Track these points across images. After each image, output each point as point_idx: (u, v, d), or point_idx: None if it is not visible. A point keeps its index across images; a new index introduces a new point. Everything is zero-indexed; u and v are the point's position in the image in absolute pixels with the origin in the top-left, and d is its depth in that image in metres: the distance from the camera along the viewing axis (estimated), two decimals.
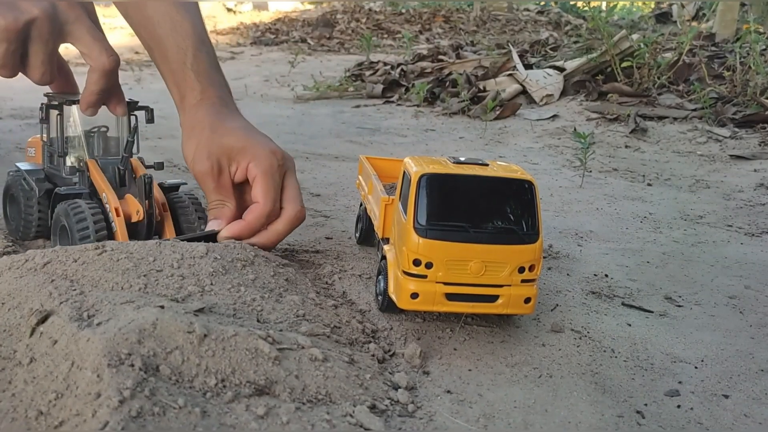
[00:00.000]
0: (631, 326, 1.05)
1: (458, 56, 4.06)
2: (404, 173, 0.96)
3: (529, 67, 3.51)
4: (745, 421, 0.82)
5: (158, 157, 1.58)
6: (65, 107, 1.12)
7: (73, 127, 1.14)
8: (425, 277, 0.89)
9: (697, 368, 0.94)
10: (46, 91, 1.15)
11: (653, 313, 1.11)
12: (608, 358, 0.95)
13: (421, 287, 0.89)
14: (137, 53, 4.59)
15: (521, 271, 0.90)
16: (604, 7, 4.75)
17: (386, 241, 1.02)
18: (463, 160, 0.95)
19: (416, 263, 0.88)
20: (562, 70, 3.30)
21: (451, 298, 0.90)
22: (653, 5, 6.77)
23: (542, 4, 7.92)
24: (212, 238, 1.07)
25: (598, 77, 3.20)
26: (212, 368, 0.71)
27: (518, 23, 6.92)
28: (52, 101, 1.13)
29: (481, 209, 0.90)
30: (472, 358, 0.91)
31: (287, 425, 0.67)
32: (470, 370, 0.88)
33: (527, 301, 0.91)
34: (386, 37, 6.44)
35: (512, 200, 0.90)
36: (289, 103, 3.39)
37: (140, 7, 1.13)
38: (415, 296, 0.89)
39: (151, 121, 1.18)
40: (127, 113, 1.14)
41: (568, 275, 1.24)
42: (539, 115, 2.95)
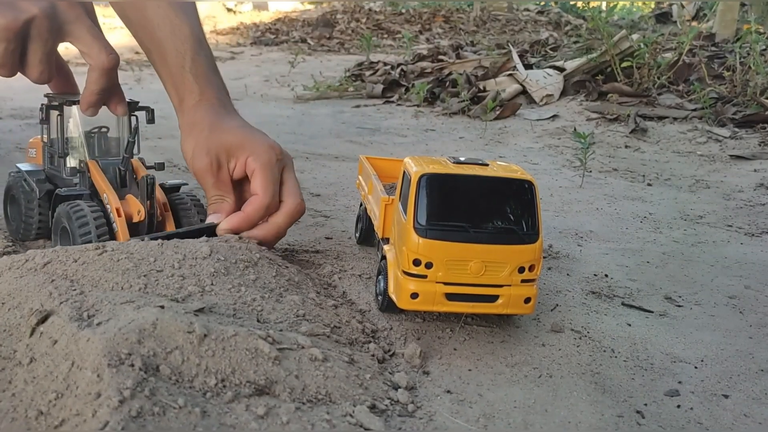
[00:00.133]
0: (631, 326, 1.05)
1: (458, 56, 4.06)
2: (404, 173, 0.96)
3: (529, 67, 3.51)
4: (744, 421, 0.82)
5: (158, 157, 1.58)
6: (65, 108, 1.12)
7: (73, 127, 1.14)
8: (425, 277, 0.89)
9: (696, 368, 0.94)
10: (46, 91, 1.14)
11: (653, 313, 1.11)
12: (608, 358, 0.95)
13: (421, 287, 0.89)
14: (137, 53, 4.58)
15: (521, 271, 0.90)
16: (604, 7, 4.75)
17: (386, 241, 1.02)
18: (463, 160, 0.95)
19: (416, 263, 0.88)
20: (562, 70, 3.30)
21: (451, 298, 0.90)
22: (653, 5, 6.77)
23: (542, 4, 7.92)
24: (212, 231, 1.06)
25: (598, 77, 3.20)
26: (212, 368, 0.71)
27: (518, 23, 6.92)
28: (52, 102, 1.12)
29: (481, 209, 0.90)
30: (472, 358, 0.91)
31: (287, 425, 0.67)
32: (470, 370, 0.88)
33: (527, 301, 0.91)
34: (386, 37, 6.44)
35: (512, 200, 0.90)
36: (289, 103, 3.39)
37: (139, 9, 1.13)
38: (415, 296, 0.89)
39: (151, 121, 1.18)
40: (128, 113, 1.13)
41: (568, 275, 1.24)
42: (539, 115, 2.95)
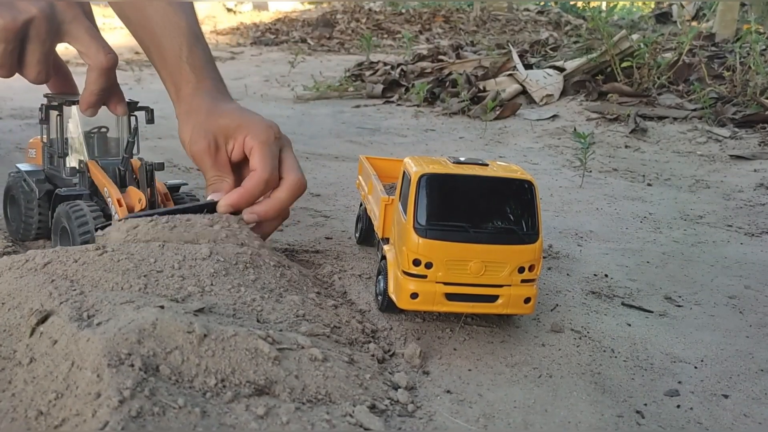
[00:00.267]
0: (631, 326, 1.05)
1: (458, 56, 4.06)
2: (404, 173, 0.96)
3: (529, 67, 3.51)
4: (744, 420, 0.82)
5: (158, 157, 1.59)
6: (65, 108, 1.12)
7: (73, 127, 1.14)
8: (425, 277, 0.89)
9: (696, 368, 0.94)
10: (46, 91, 1.14)
11: (653, 313, 1.11)
12: (608, 358, 0.95)
13: (421, 287, 0.89)
14: (137, 53, 4.58)
15: (521, 271, 0.90)
16: (604, 7, 4.75)
17: (386, 241, 1.02)
18: (463, 160, 0.95)
19: (416, 263, 0.88)
20: (562, 70, 3.30)
21: (450, 298, 0.90)
22: (653, 5, 6.77)
23: (542, 4, 7.92)
24: (212, 208, 1.05)
25: (598, 77, 3.20)
26: (212, 368, 0.71)
27: (518, 23, 6.92)
28: (51, 102, 1.12)
29: (480, 209, 0.90)
30: (472, 358, 0.91)
31: (287, 425, 0.67)
32: (470, 370, 0.88)
33: (527, 301, 0.91)
34: (386, 37, 6.44)
35: (512, 200, 0.90)
36: (289, 103, 3.39)
37: (138, 8, 1.13)
38: (414, 296, 0.89)
39: (151, 121, 1.18)
40: (127, 113, 1.13)
41: (568, 275, 1.24)
42: (539, 115, 2.95)
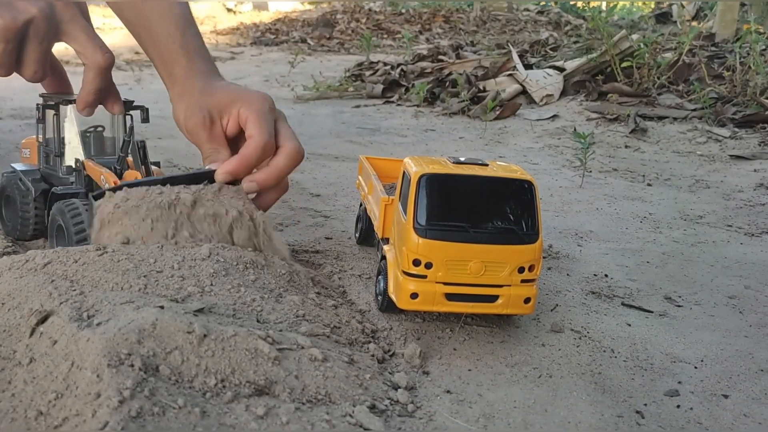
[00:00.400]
0: (630, 326, 1.05)
1: (458, 56, 4.06)
2: (404, 173, 0.96)
3: (529, 67, 3.51)
4: (744, 421, 0.82)
5: (158, 157, 1.58)
6: (61, 107, 1.12)
7: (69, 126, 1.15)
8: (425, 277, 0.89)
9: (696, 368, 0.94)
10: (43, 91, 1.15)
11: (653, 313, 1.11)
12: (608, 358, 0.95)
13: (420, 287, 0.89)
14: (137, 53, 4.59)
15: (521, 271, 0.90)
16: (604, 7, 4.75)
17: (386, 241, 1.02)
18: (462, 160, 0.95)
19: (416, 263, 0.88)
20: (562, 70, 3.30)
21: (450, 298, 0.90)
22: (653, 5, 6.77)
23: (542, 4, 7.92)
24: (210, 176, 1.03)
25: (598, 77, 3.20)
26: (212, 368, 0.71)
27: (518, 23, 6.92)
28: (47, 101, 1.13)
29: (480, 209, 0.90)
30: (471, 358, 0.91)
31: (287, 425, 0.67)
32: (470, 370, 0.88)
33: (527, 301, 0.91)
34: (386, 37, 6.44)
35: (512, 200, 0.90)
36: (289, 103, 3.39)
37: (135, 7, 1.14)
38: (414, 296, 0.89)
39: (146, 120, 1.18)
40: (123, 111, 1.14)
41: (568, 275, 1.24)
42: (539, 115, 2.95)
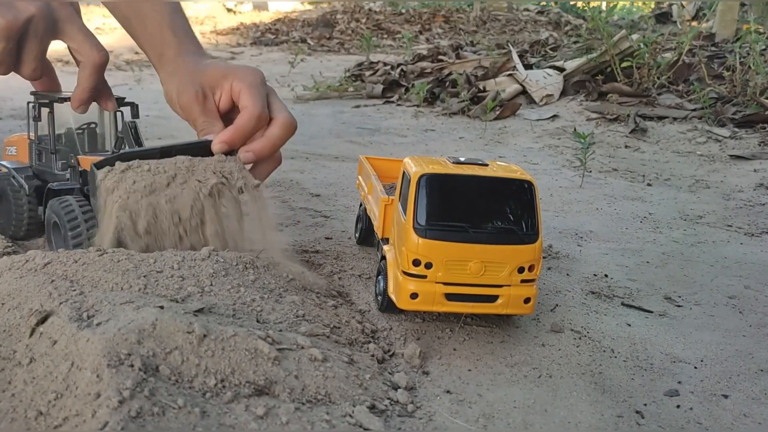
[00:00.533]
0: (630, 326, 1.05)
1: (458, 56, 4.06)
2: (404, 173, 0.96)
3: (529, 67, 3.51)
4: (744, 421, 0.82)
5: None
6: (55, 105, 1.13)
7: (61, 124, 1.16)
8: (425, 277, 0.89)
9: (696, 368, 0.94)
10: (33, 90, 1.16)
11: (653, 313, 1.11)
12: (608, 358, 0.95)
13: (420, 287, 0.89)
14: (137, 53, 4.59)
15: (521, 271, 0.90)
16: (604, 7, 4.75)
17: (386, 241, 1.02)
18: (462, 160, 0.95)
19: (416, 263, 0.88)
20: (562, 70, 3.30)
21: (450, 298, 0.90)
22: (653, 5, 6.77)
23: (542, 4, 7.92)
24: (207, 147, 1.03)
25: (598, 77, 3.21)
26: (212, 368, 0.71)
27: (518, 23, 6.92)
28: (40, 99, 1.14)
29: (480, 209, 0.90)
30: (471, 358, 0.91)
31: (287, 425, 0.67)
32: (470, 370, 0.88)
33: (527, 301, 0.91)
34: (386, 37, 6.45)
35: (512, 200, 0.90)
36: (289, 103, 3.36)
37: (132, 7, 1.14)
38: (414, 296, 0.89)
39: (135, 116, 1.18)
40: (117, 108, 1.15)
41: (568, 275, 1.24)
42: (539, 115, 2.95)
